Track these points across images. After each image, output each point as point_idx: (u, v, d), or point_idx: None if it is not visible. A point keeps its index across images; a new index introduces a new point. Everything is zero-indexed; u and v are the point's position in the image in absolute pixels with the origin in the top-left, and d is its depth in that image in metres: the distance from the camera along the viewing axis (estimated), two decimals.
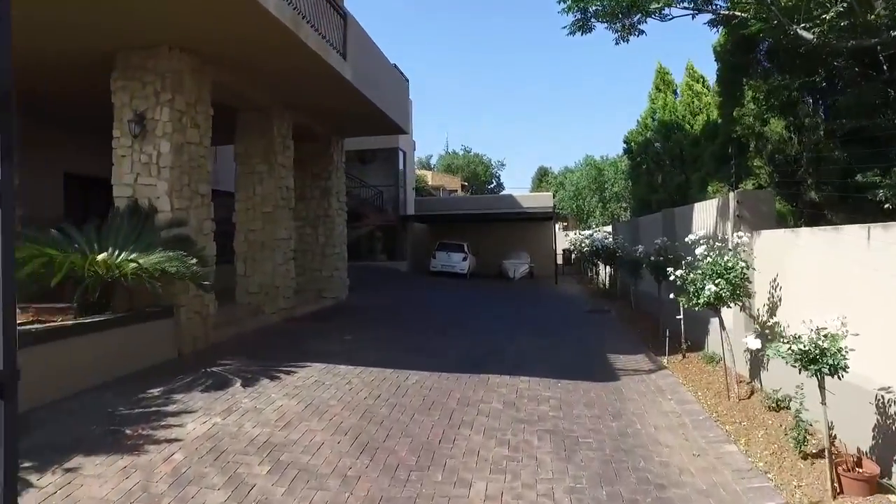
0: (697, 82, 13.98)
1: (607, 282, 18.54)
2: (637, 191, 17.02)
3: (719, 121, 10.22)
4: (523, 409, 5.65)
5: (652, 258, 9.12)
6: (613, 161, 36.01)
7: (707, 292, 5.76)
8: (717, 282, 5.73)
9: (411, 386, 6.29)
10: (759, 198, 7.11)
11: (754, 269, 6.18)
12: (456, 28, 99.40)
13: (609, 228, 18.36)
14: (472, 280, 23.59)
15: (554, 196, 32.14)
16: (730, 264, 5.77)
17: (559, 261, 28.47)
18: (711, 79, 12.47)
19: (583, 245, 20.10)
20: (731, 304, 5.99)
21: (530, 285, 21.73)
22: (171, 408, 5.19)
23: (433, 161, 70.53)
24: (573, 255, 29.42)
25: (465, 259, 24.02)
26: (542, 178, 69.99)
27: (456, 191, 48.16)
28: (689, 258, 6.53)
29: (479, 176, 68.78)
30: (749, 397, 5.94)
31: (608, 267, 16.91)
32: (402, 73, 14.60)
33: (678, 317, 7.76)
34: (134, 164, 7.34)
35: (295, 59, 8.25)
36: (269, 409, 5.27)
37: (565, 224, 39.18)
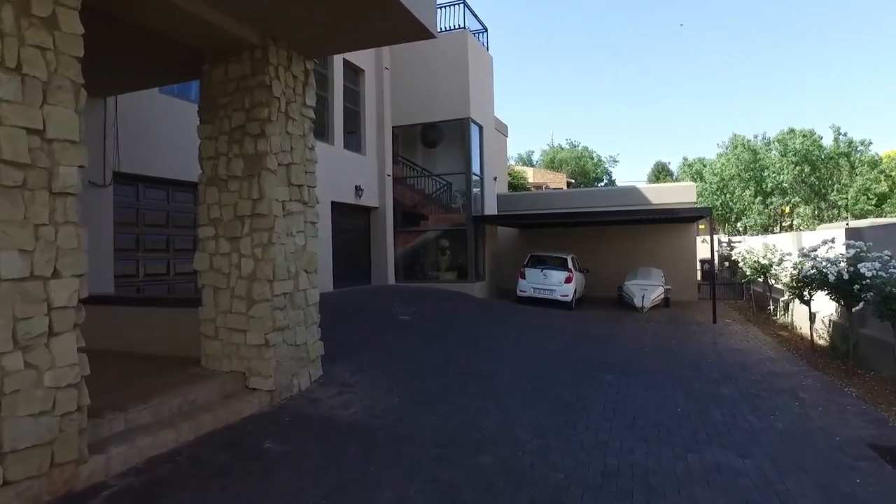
0: None
1: (827, 332, 10.16)
2: None
3: None
4: None
5: None
6: (781, 138, 26.18)
7: None
8: None
9: None
10: None
11: None
12: (569, 18, 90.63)
13: (838, 234, 9.90)
14: (580, 312, 15.81)
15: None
16: None
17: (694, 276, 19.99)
18: None
19: (778, 262, 11.73)
20: None
21: (674, 326, 13.59)
22: None
23: (535, 158, 62.91)
24: (718, 271, 20.73)
25: (568, 280, 16.33)
26: (659, 175, 60.48)
27: (560, 189, 40.22)
28: None
29: (588, 172, 60.28)
30: None
31: (844, 308, 8.66)
32: None
33: None
34: None
35: None
36: None
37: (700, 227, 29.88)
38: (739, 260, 15.07)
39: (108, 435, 4.58)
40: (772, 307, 14.21)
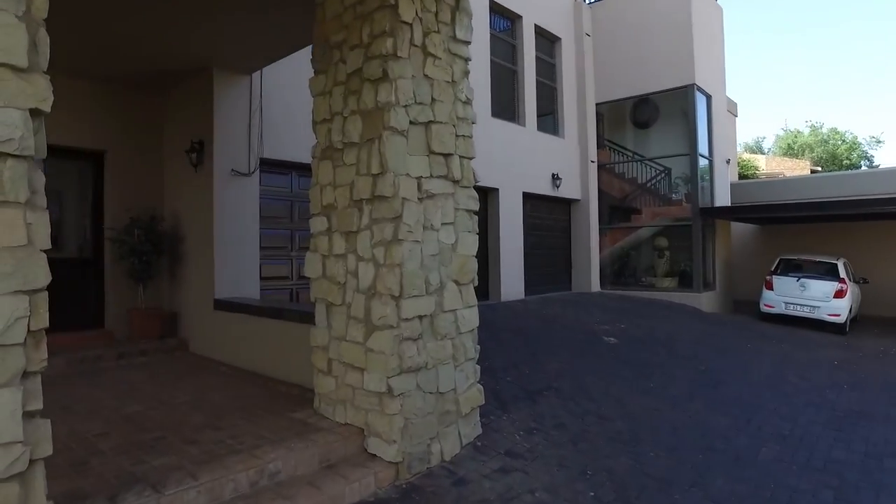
0: None
1: None
2: None
3: None
4: None
5: None
6: None
7: None
8: None
9: None
10: None
11: None
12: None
13: None
14: (859, 339, 11.36)
15: None
16: None
17: None
18: None
19: None
20: None
21: None
22: None
23: (766, 145, 53.66)
24: None
25: (840, 293, 11.96)
26: None
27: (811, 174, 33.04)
28: None
29: (839, 158, 49.48)
30: None
31: None
32: None
33: None
34: None
35: None
36: None
37: None
38: None
39: None
40: None
